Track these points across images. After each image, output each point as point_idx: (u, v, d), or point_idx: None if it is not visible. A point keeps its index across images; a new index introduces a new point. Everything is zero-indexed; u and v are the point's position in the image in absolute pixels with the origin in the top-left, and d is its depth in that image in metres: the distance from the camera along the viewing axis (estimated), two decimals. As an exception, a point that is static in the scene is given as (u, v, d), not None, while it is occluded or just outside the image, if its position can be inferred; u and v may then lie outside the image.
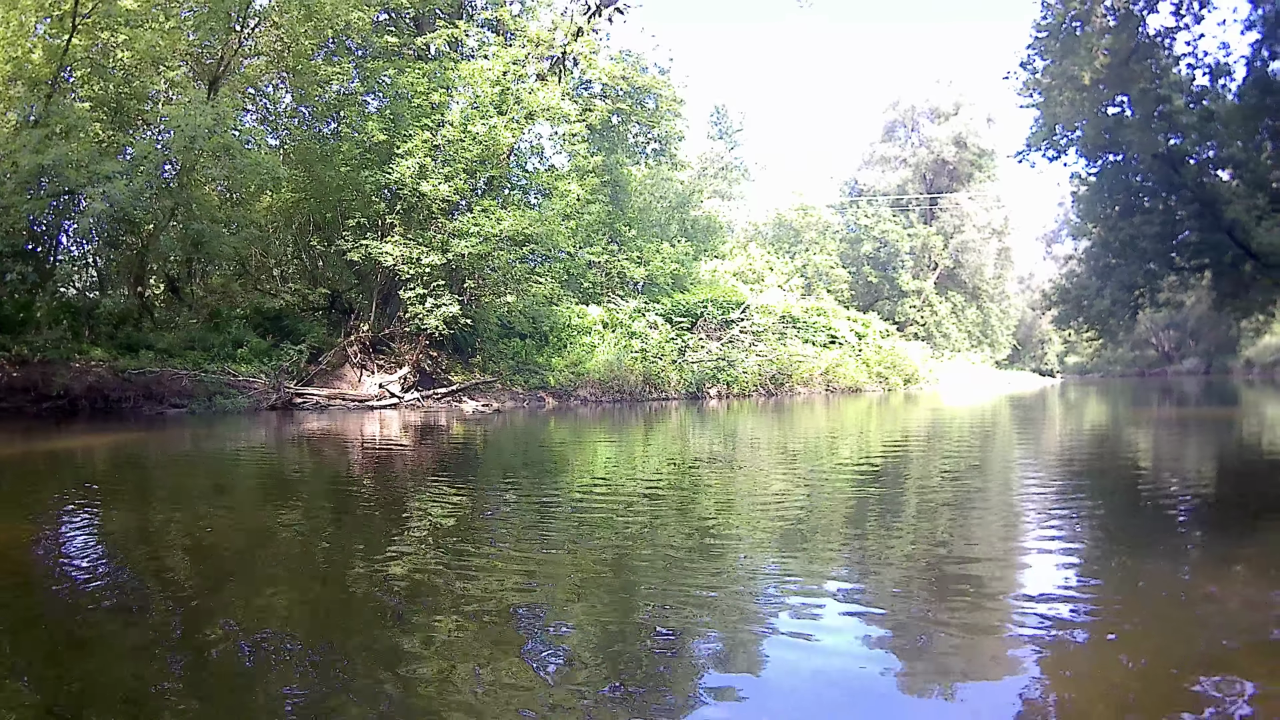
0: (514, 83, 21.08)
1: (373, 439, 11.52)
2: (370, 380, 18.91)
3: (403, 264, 18.98)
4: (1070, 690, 2.58)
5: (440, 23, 22.47)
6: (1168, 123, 26.37)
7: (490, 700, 2.37)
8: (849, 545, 4.53)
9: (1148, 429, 13.72)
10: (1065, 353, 77.81)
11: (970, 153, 63.29)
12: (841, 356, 32.64)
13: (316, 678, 2.57)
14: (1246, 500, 6.18)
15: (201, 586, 3.72)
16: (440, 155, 19.64)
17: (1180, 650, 2.79)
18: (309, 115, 22.24)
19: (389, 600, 3.41)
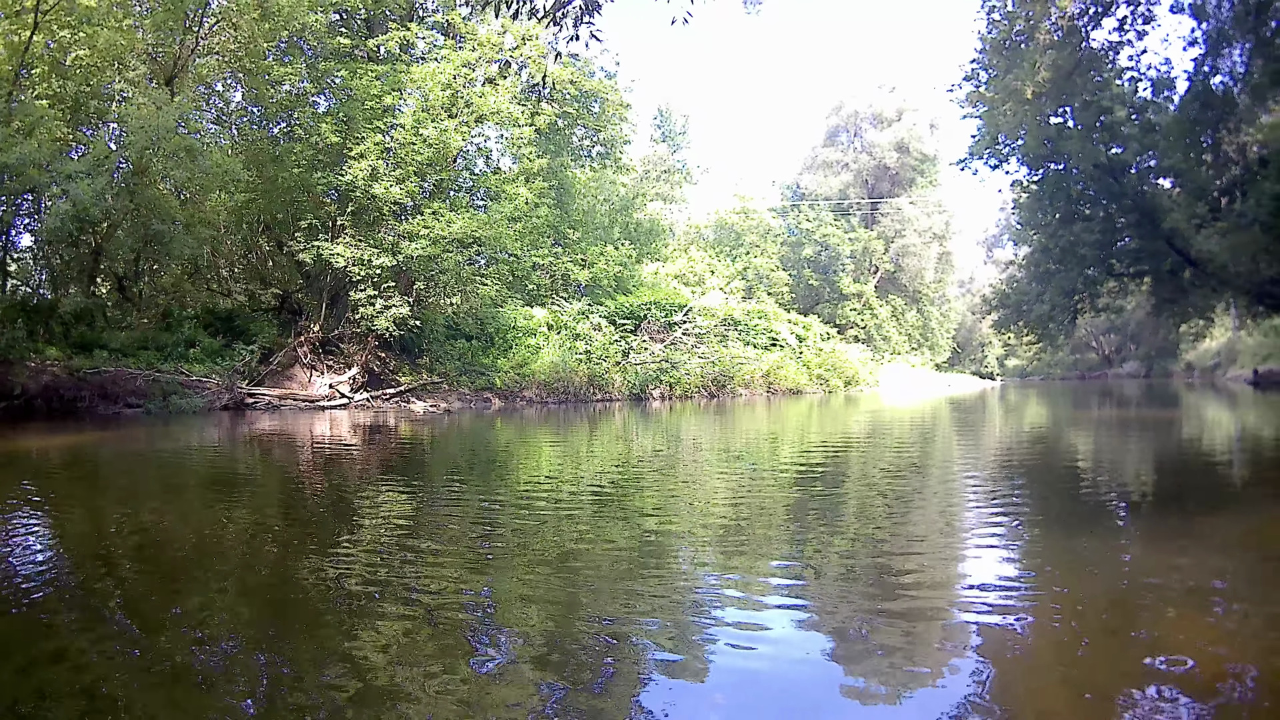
0: (464, 86, 21.75)
1: (325, 439, 11.90)
2: (320, 381, 19.55)
3: (354, 265, 19.61)
4: (1018, 678, 2.73)
5: (392, 25, 23.06)
6: (1109, 133, 27.88)
7: (441, 700, 2.44)
8: (791, 542, 4.69)
9: (1087, 430, 14.30)
10: (1005, 356, 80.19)
11: (912, 158, 65.48)
12: (782, 359, 33.66)
13: (266, 679, 2.65)
14: (1184, 497, 6.46)
15: (151, 587, 3.79)
16: (392, 158, 20.30)
17: (1125, 636, 2.96)
18: (260, 115, 22.70)
19: (340, 600, 3.48)
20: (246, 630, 3.14)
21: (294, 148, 20.86)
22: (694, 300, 33.64)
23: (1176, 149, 26.74)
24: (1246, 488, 7.05)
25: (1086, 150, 27.10)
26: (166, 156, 17.17)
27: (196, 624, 3.18)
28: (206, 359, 18.58)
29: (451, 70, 21.62)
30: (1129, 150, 28.41)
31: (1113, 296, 34.02)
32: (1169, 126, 26.70)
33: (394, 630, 3.06)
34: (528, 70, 25.17)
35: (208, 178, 18.10)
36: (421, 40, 24.12)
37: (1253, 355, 42.02)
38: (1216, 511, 5.80)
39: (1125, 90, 27.75)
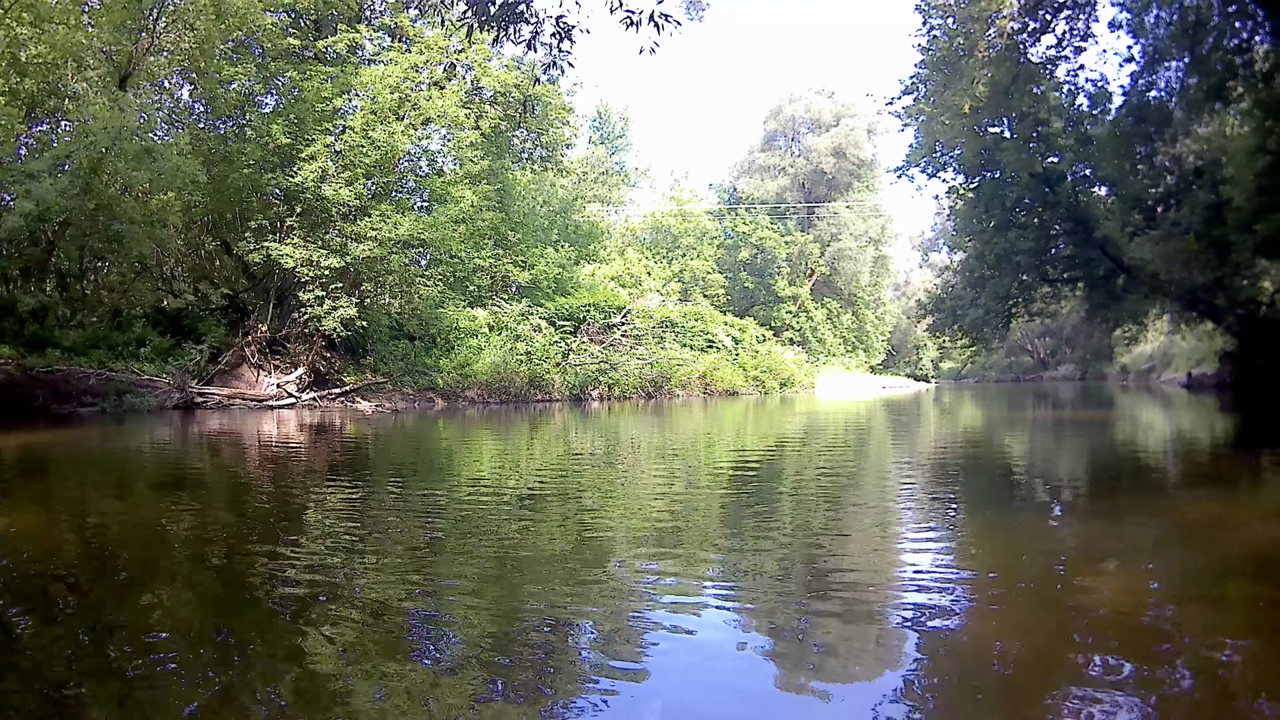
0: (412, 90, 22.50)
1: (275, 439, 12.25)
2: (268, 380, 20.21)
3: (303, 266, 20.25)
4: (951, 673, 2.81)
5: (341, 27, 23.66)
6: (1045, 144, 29.20)
7: (389, 696, 2.52)
8: (727, 540, 4.88)
9: (1021, 430, 14.88)
10: (940, 358, 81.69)
11: (850, 163, 67.09)
12: (719, 360, 34.72)
13: (214, 678, 2.70)
14: (1117, 496, 6.73)
15: (100, 588, 3.88)
16: (341, 160, 20.97)
17: (1057, 632, 3.05)
18: (206, 113, 23.13)
19: (288, 598, 3.57)
20: (196, 629, 3.24)
21: (244, 148, 21.37)
22: (632, 302, 34.61)
23: (1112, 159, 27.88)
24: (1173, 482, 7.58)
25: (1022, 160, 28.20)
26: (126, 158, 17.62)
27: (146, 624, 3.27)
28: (157, 358, 19.09)
29: (399, 73, 22.28)
30: (1065, 160, 29.70)
31: (1047, 301, 35.10)
32: (1105, 138, 27.93)
33: (342, 627, 3.17)
34: (473, 74, 25.84)
35: (165, 179, 18.58)
36: (370, 42, 24.69)
37: (1187, 359, 43.45)
38: (1147, 504, 6.22)
39: (1062, 102, 29.00)
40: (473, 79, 26.15)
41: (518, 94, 26.64)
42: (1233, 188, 21.87)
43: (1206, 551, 4.54)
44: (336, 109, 21.78)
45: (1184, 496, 6.76)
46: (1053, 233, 31.05)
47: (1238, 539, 4.91)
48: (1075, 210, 29.69)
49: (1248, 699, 2.48)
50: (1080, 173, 30.65)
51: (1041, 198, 30.12)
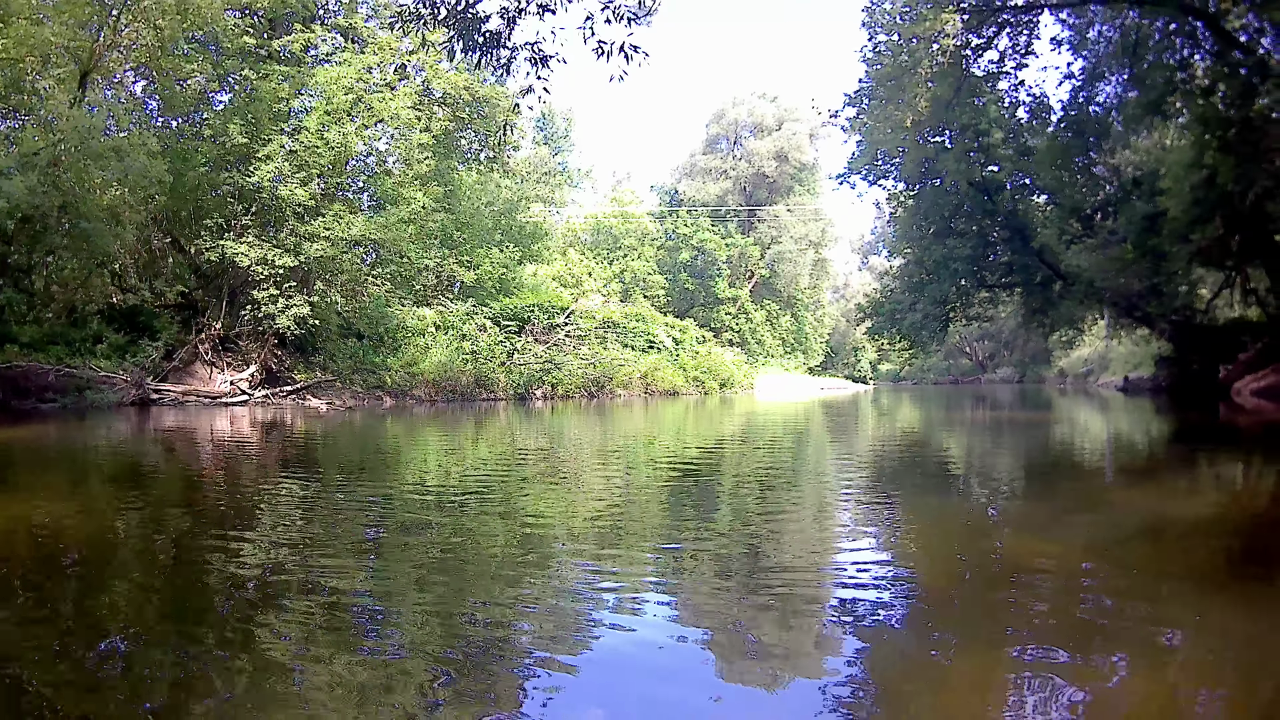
0: (367, 92, 23.16)
1: (232, 436, 12.58)
2: (221, 377, 20.85)
3: (258, 265, 20.82)
4: (888, 662, 2.94)
5: (297, 26, 24.19)
6: (985, 154, 30.07)
7: (338, 690, 2.57)
8: (667, 536, 5.04)
9: (957, 430, 15.54)
10: (878, 360, 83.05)
11: (791, 166, 68.67)
12: (660, 361, 35.58)
13: (165, 673, 2.74)
14: (1049, 491, 7.14)
15: (52, 582, 3.90)
16: (295, 160, 21.56)
17: (995, 630, 3.12)
18: (160, 110, 23.46)
19: (239, 594, 3.67)
20: (148, 625, 3.29)
21: (200, 146, 21.94)
22: (575, 302, 35.63)
23: (1050, 170, 28.86)
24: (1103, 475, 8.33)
25: (962, 169, 29.00)
26: (94, 157, 18.08)
27: (98, 619, 3.32)
28: (113, 354, 19.58)
29: (354, 74, 22.93)
30: (1004, 170, 30.63)
31: (984, 306, 35.99)
32: (1044, 149, 28.73)
33: (292, 623, 3.24)
34: (424, 75, 26.49)
35: (132, 179, 18.98)
36: (324, 42, 25.21)
37: (1124, 363, 44.36)
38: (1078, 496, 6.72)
39: (1003, 115, 29.89)
40: (423, 80, 26.78)
41: (467, 96, 27.28)
42: (1169, 199, 22.52)
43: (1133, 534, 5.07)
44: (292, 109, 22.42)
45: (1114, 489, 7.47)
46: (991, 240, 31.78)
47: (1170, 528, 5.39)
48: (1013, 219, 30.58)
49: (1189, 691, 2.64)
50: (1019, 181, 31.54)
51: (980, 206, 30.88)
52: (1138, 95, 23.45)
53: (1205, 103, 20.79)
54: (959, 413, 21.98)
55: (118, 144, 18.56)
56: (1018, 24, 23.97)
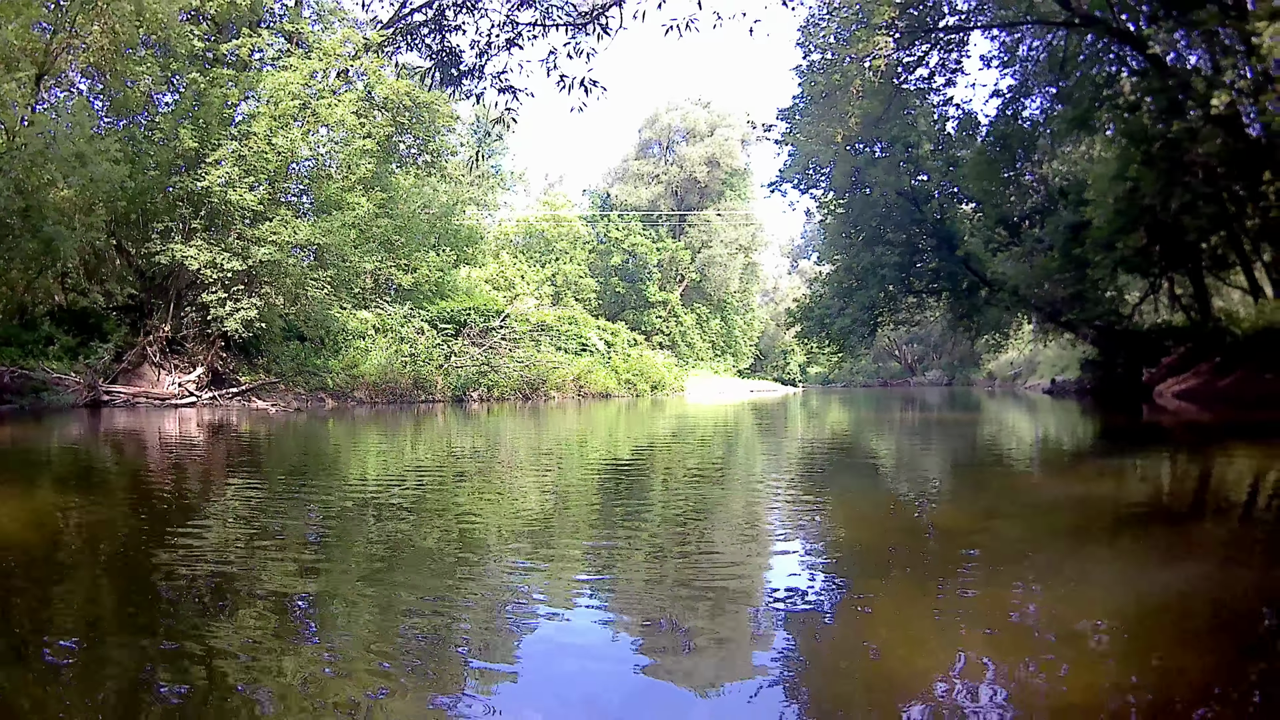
0: (312, 98, 23.75)
1: (184, 438, 12.86)
2: (169, 379, 21.47)
3: (207, 268, 21.34)
4: (820, 654, 2.99)
5: (244, 31, 24.56)
6: (914, 165, 31.25)
7: (283, 689, 2.62)
8: (600, 537, 5.12)
9: (885, 431, 16.18)
10: (807, 363, 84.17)
11: (723, 171, 70.23)
12: (592, 363, 36.79)
13: (119, 674, 2.75)
14: (979, 492, 7.34)
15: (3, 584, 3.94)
16: (244, 164, 22.07)
17: (928, 629, 3.16)
18: (108, 110, 23.57)
19: (192, 594, 3.71)
20: (97, 626, 3.30)
21: (149, 149, 22.26)
22: (509, 305, 36.60)
23: (978, 181, 29.93)
24: (1021, 468, 9.15)
25: (891, 179, 30.12)
26: (57, 162, 18.57)
27: (46, 621, 3.34)
28: (65, 356, 20.11)
29: (300, 80, 23.51)
30: (932, 180, 31.99)
31: (911, 311, 37.20)
32: (972, 161, 29.91)
33: (237, 622, 3.27)
34: (365, 80, 27.10)
35: (95, 185, 19.47)
36: (271, 47, 25.66)
37: (1051, 366, 46.53)
38: (998, 486, 7.52)
39: (932, 127, 31.12)
40: (365, 85, 27.36)
41: (408, 101, 27.81)
42: (1093, 210, 23.24)
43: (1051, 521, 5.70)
44: (244, 114, 22.99)
45: (1033, 478, 8.39)
46: (919, 247, 32.57)
47: (1076, 505, 6.41)
48: (941, 227, 31.57)
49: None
50: (947, 191, 32.67)
51: (909, 215, 31.74)
52: (1065, 110, 24.39)
53: (1131, 118, 21.51)
54: (888, 414, 23.06)
55: (81, 150, 18.96)
56: (948, 42, 24.81)
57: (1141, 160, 20.61)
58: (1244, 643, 3.08)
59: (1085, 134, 25.10)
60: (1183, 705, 2.42)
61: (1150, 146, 20.31)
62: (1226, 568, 4.26)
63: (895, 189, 30.61)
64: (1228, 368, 21.86)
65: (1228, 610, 3.51)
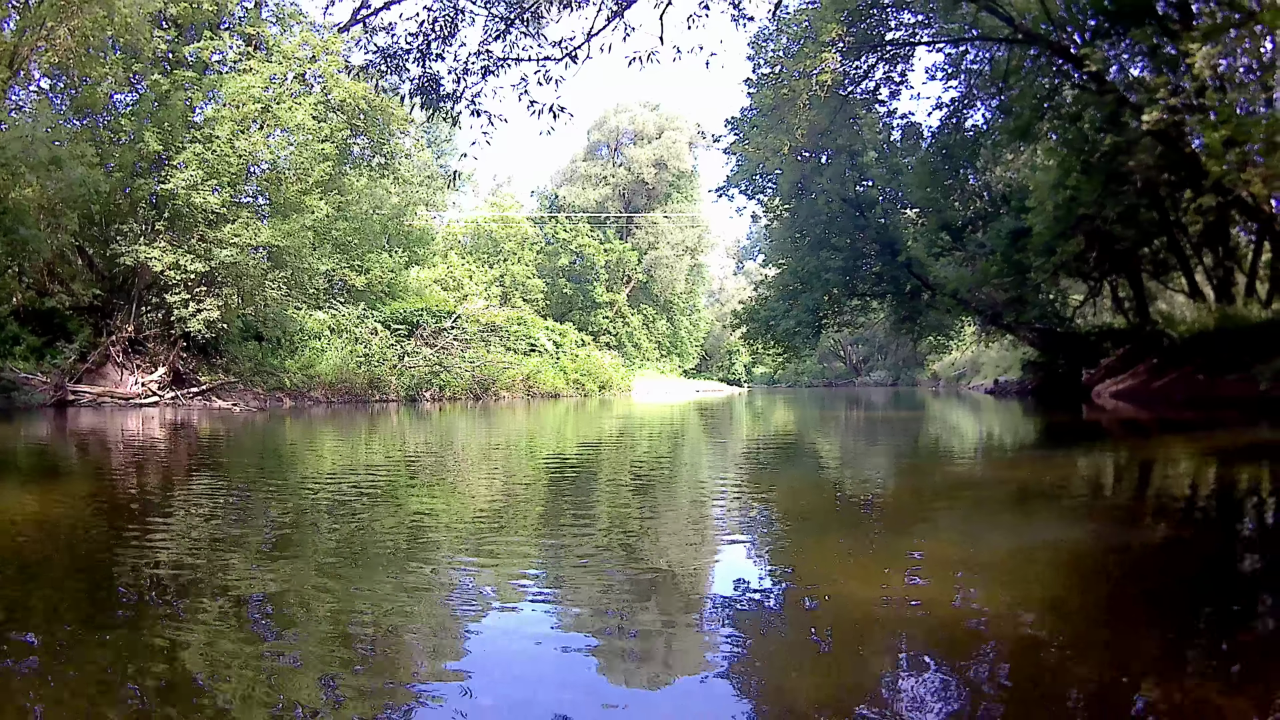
0: (274, 102, 24.23)
1: (152, 436, 13.22)
2: (132, 379, 21.92)
3: (170, 270, 21.77)
4: (769, 652, 3.07)
5: (206, 33, 24.94)
6: (859, 172, 32.15)
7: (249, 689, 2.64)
8: (548, 535, 5.22)
9: (828, 430, 16.69)
10: (753, 364, 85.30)
11: (670, 174, 71.51)
12: (541, 364, 37.63)
13: (78, 672, 2.77)
14: (920, 491, 7.66)
15: None
16: (208, 167, 22.46)
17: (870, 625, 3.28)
18: (69, 113, 23.65)
19: (151, 591, 3.77)
20: (58, 623, 3.33)
21: (114, 151, 22.51)
22: (460, 306, 37.32)
23: (922, 188, 30.78)
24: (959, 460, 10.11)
25: (837, 187, 31.05)
26: (33, 166, 18.91)
27: (6, 620, 3.32)
28: (31, 356, 20.54)
29: (261, 83, 24.00)
30: (876, 187, 32.94)
31: (855, 314, 37.56)
32: (915, 169, 30.86)
33: (192, 620, 3.29)
34: (322, 83, 27.31)
35: (72, 189, 19.89)
36: (232, 50, 25.87)
37: (995, 366, 47.27)
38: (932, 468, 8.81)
39: (877, 135, 32.01)
40: (323, 88, 27.54)
41: (364, 105, 28.21)
42: (1034, 217, 23.84)
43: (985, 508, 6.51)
44: (205, 117, 23.37)
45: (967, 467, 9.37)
46: (863, 252, 33.11)
47: (1001, 485, 7.74)
48: (884, 232, 32.29)
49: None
50: (891, 197, 33.58)
51: (853, 220, 32.48)
52: (1008, 120, 24.93)
53: (1072, 128, 22.23)
54: (832, 412, 23.86)
55: (57, 154, 19.35)
56: (893, 56, 25.44)
57: (1081, 169, 21.43)
58: (1089, 574, 4.24)
59: (1027, 143, 25.70)
60: (1037, 608, 3.54)
61: (1090, 156, 21.10)
62: (1099, 527, 5.47)
63: (840, 196, 31.36)
64: (1164, 369, 22.50)
65: (1086, 554, 4.66)
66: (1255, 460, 9.35)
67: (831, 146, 30.55)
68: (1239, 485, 7.57)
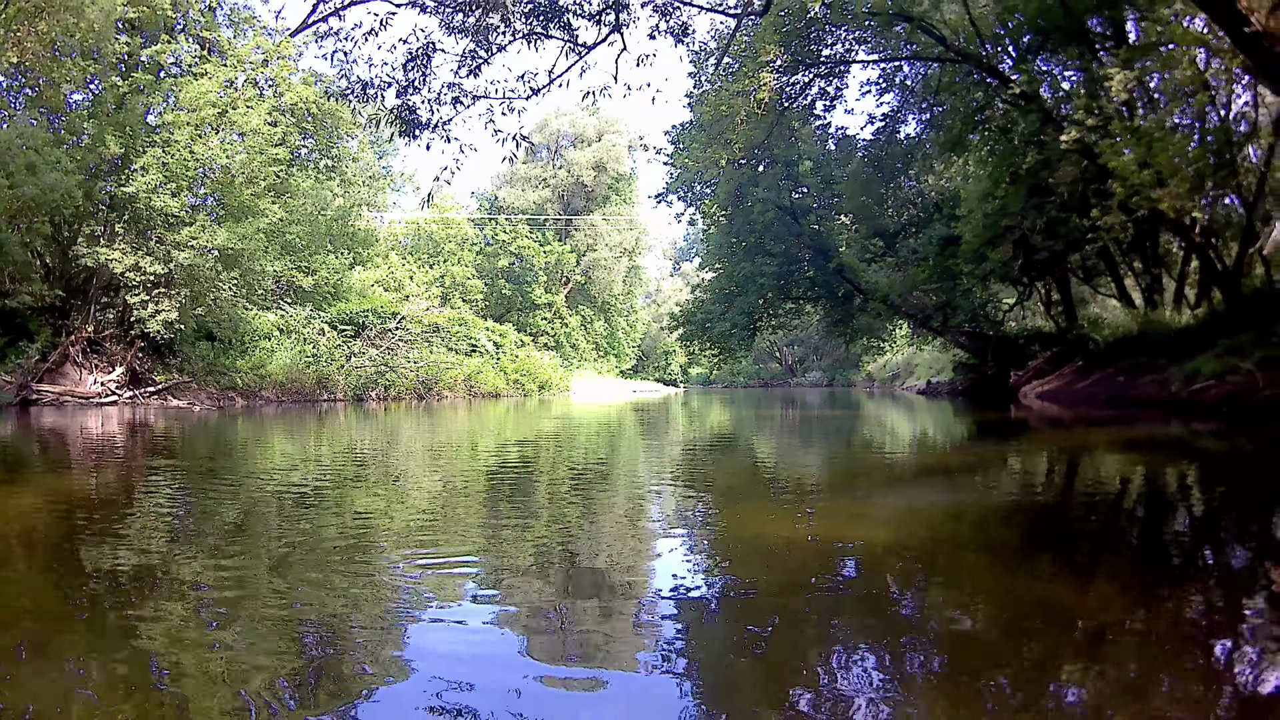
0: (231, 107, 24.74)
1: (115, 434, 13.58)
2: (91, 379, 22.37)
3: (130, 271, 22.39)
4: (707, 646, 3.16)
5: (164, 37, 25.34)
6: (795, 182, 33.34)
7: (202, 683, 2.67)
8: (488, 532, 5.27)
9: (764, 429, 17.35)
10: (689, 364, 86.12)
11: (609, 176, 72.86)
12: (482, 364, 38.42)
13: (37, 669, 2.78)
14: (841, 473, 8.64)
15: None
16: (166, 171, 23.01)
17: (776, 549, 3.76)
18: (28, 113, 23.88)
19: (111, 588, 3.82)
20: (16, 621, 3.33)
21: (76, 153, 22.88)
22: (404, 307, 38.07)
23: (855, 197, 31.77)
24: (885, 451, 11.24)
25: (772, 195, 32.13)
26: (8, 174, 19.34)
27: None
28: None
29: (217, 87, 24.57)
30: (811, 195, 34.19)
31: (789, 317, 38.95)
32: (850, 177, 31.91)
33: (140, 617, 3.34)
34: (274, 87, 27.78)
35: (45, 194, 20.22)
36: (188, 53, 26.20)
37: (928, 368, 48.96)
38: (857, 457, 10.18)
39: (813, 147, 33.29)
40: (274, 91, 28.00)
41: (315, 110, 28.77)
42: (964, 225, 24.56)
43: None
44: (165, 122, 23.87)
45: (890, 457, 10.55)
46: (797, 258, 34.11)
47: (914, 465, 9.26)
48: (818, 239, 33.27)
49: None
50: (826, 204, 34.71)
51: (788, 227, 33.36)
52: (940, 134, 25.88)
53: (1002, 140, 22.90)
54: (767, 411, 24.84)
55: (31, 159, 19.85)
56: (829, 72, 26.29)
57: (1010, 180, 22.23)
58: (947, 522, 5.70)
59: (959, 154, 26.53)
60: (895, 539, 5.00)
61: (1018, 168, 21.91)
62: (975, 495, 7.16)
63: (776, 204, 32.47)
64: (1088, 371, 23.24)
65: (952, 510, 6.20)
66: (1136, 449, 10.92)
67: (768, 157, 31.62)
68: (1105, 466, 9.19)
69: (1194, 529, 5.48)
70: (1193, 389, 16.50)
